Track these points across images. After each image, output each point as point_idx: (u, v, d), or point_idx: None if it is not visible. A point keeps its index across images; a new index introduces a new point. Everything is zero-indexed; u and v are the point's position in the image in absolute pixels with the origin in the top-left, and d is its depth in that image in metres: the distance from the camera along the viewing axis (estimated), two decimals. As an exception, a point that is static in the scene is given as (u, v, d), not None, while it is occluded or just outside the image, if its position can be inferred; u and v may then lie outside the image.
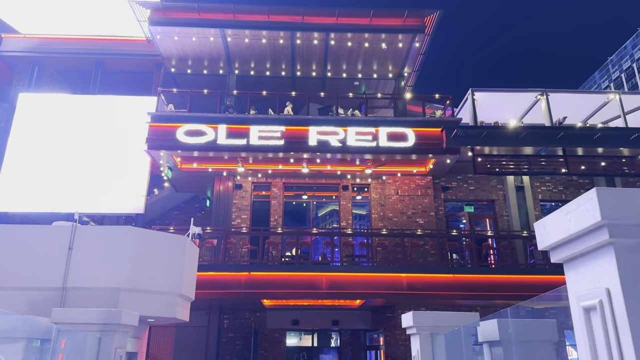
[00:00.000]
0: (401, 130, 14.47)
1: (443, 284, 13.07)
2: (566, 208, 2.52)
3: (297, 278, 12.96)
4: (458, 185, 16.52)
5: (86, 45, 17.18)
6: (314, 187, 16.91)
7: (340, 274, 13.13)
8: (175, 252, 9.91)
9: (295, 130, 14.50)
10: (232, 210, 16.03)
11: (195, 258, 10.91)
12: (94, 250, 8.98)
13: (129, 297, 8.97)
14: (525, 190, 16.11)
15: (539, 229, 2.71)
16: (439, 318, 6.87)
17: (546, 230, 2.67)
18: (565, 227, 2.50)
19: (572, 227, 2.41)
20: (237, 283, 12.80)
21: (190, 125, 14.28)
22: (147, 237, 9.50)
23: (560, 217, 2.57)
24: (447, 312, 7.09)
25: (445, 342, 6.83)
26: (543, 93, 16.46)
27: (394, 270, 13.18)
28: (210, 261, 13.55)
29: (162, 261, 9.68)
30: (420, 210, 15.82)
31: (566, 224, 2.51)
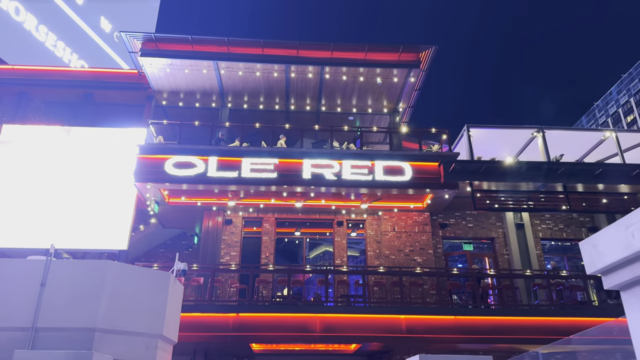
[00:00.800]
0: (398, 164, 14.07)
1: (444, 327, 12.28)
2: (626, 220, 2.05)
3: (288, 320, 12.11)
4: (456, 222, 15.99)
5: (74, 77, 16.86)
6: (307, 223, 16.27)
7: (335, 316, 12.31)
8: (158, 290, 9.12)
9: (288, 163, 14.02)
10: (221, 246, 15.27)
11: (180, 297, 10.10)
12: (69, 286, 8.20)
13: (105, 339, 8.13)
14: (526, 228, 15.62)
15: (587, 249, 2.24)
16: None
17: (598, 249, 2.18)
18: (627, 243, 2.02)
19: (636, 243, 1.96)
20: (224, 325, 11.90)
21: (180, 157, 13.76)
22: (127, 272, 8.75)
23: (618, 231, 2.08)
24: (457, 356, 6.38)
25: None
26: (539, 130, 16.31)
27: (392, 312, 12.39)
28: (196, 301, 12.67)
29: (142, 299, 8.88)
30: (418, 248, 15.19)
31: (627, 239, 2.03)
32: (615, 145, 16.20)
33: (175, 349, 13.73)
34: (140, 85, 16.71)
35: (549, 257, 15.59)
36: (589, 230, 15.89)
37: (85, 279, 8.14)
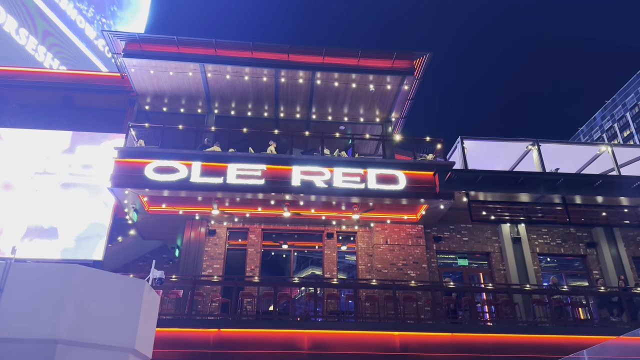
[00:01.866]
0: (391, 173, 13.46)
1: (440, 345, 11.49)
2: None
3: (274, 336, 11.21)
4: (451, 235, 15.36)
5: (52, 79, 16.08)
6: (296, 235, 15.48)
7: (325, 332, 11.44)
8: (131, 299, 8.21)
9: (277, 170, 13.32)
10: (204, 258, 14.36)
11: (155, 308, 9.19)
12: (30, 292, 7.28)
13: (68, 352, 7.20)
14: (523, 242, 15.04)
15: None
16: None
17: None
18: None
19: None
20: (205, 341, 10.95)
21: (161, 161, 12.97)
22: (95, 278, 7.86)
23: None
24: None
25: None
26: (534, 143, 15.94)
27: (386, 328, 11.59)
28: (175, 315, 11.72)
29: (113, 309, 7.97)
30: (412, 262, 14.48)
31: None
32: (611, 160, 15.88)
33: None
34: (122, 88, 15.98)
35: (546, 273, 14.99)
36: (587, 246, 15.38)
37: (48, 284, 7.24)
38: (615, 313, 12.58)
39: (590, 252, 15.32)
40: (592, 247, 15.33)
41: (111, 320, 7.68)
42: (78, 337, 7.19)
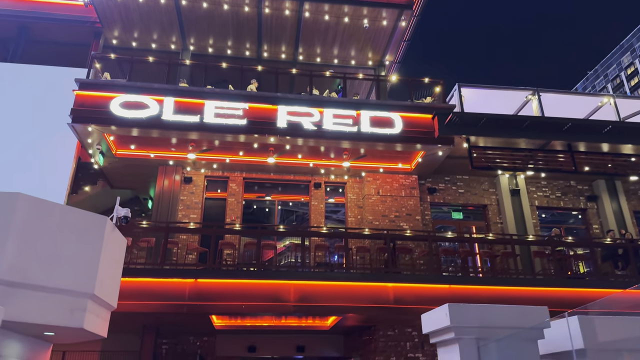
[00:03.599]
0: (387, 115, 12.27)
1: (437, 297, 10.61)
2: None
3: (257, 287, 10.15)
4: (446, 187, 14.39)
5: (7, 7, 14.16)
6: (281, 185, 14.30)
7: (313, 283, 10.42)
8: (89, 237, 6.92)
9: (260, 110, 11.99)
10: (179, 208, 13.11)
11: (121, 252, 7.95)
12: (-37, 227, 5.98)
13: (11, 295, 5.99)
14: (521, 195, 14.19)
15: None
16: (489, 315, 4.41)
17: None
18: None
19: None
20: (180, 293, 9.82)
21: (129, 95, 11.48)
22: (44, 210, 6.54)
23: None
24: (498, 306, 4.63)
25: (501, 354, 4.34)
26: (534, 92, 14.92)
27: (379, 279, 10.64)
28: (146, 264, 10.53)
29: (67, 247, 6.68)
30: (405, 214, 13.50)
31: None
32: (614, 112, 15.01)
33: (119, 325, 11.49)
34: (86, 19, 14.20)
35: (544, 228, 14.23)
36: (588, 200, 14.65)
37: (-18, 216, 5.94)
38: (620, 266, 11.91)
39: (590, 206, 14.60)
40: (593, 200, 14.59)
41: (65, 260, 6.41)
42: (21, 277, 5.94)
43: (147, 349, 10.84)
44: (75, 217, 6.83)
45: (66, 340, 7.64)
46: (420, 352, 11.81)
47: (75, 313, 6.42)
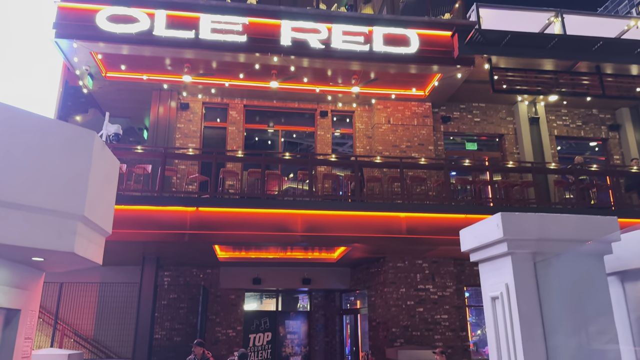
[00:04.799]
0: (402, 33, 11.16)
1: (451, 227, 10.02)
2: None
3: (262, 217, 9.55)
4: (461, 115, 13.50)
5: None
6: (284, 114, 13.40)
7: (321, 213, 9.82)
8: (76, 153, 6.06)
9: (262, 25, 10.86)
10: (176, 136, 12.29)
11: (114, 173, 7.11)
12: None
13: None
14: (540, 123, 13.33)
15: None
16: (549, 226, 3.71)
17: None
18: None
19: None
20: (181, 222, 9.22)
21: (117, 8, 10.31)
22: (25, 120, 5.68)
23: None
24: (560, 216, 3.92)
25: (562, 271, 3.66)
26: (557, 14, 13.58)
27: (391, 209, 10.03)
28: (144, 191, 9.88)
29: (50, 163, 5.83)
30: (417, 144, 12.71)
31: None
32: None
33: (119, 256, 11.04)
34: None
35: (563, 159, 13.51)
36: (610, 129, 13.82)
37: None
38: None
39: (612, 136, 13.81)
40: (615, 129, 13.77)
41: (49, 178, 5.62)
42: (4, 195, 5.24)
43: (148, 280, 10.43)
44: (60, 130, 5.97)
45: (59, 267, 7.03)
46: (431, 284, 11.47)
47: (64, 236, 5.72)
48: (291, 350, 13.91)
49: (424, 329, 11.08)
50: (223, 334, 12.37)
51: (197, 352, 7.54)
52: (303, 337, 14.16)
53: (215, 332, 12.33)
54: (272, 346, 13.63)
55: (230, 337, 12.44)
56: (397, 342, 10.85)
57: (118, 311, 11.06)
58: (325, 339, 14.25)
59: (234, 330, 12.57)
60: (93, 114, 13.88)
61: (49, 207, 5.67)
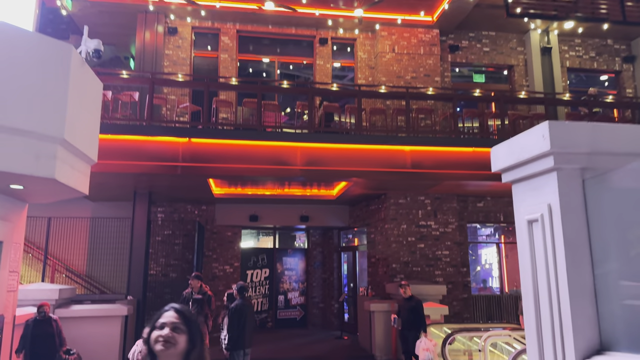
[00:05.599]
0: (411, -53, 10.11)
1: (458, 161, 9.58)
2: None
3: (259, 150, 8.98)
4: (470, 45, 12.66)
5: None
6: (280, 42, 12.48)
7: (322, 146, 9.26)
8: (52, 69, 5.37)
9: (257, -64, 9.74)
10: (164, 64, 11.43)
11: (96, 94, 6.45)
12: None
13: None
14: (553, 53, 12.55)
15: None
16: (604, 137, 3.18)
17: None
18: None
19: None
20: (172, 153, 8.64)
21: None
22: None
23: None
24: (617, 126, 3.36)
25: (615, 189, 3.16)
26: None
27: (395, 142, 9.49)
28: (132, 120, 9.22)
29: (24, 79, 5.17)
30: (423, 75, 11.97)
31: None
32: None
33: (109, 191, 10.50)
34: None
35: (573, 92, 12.86)
36: (624, 61, 13.09)
37: None
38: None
39: (626, 68, 13.10)
40: (629, 62, 13.04)
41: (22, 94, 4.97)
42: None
43: (140, 215, 9.99)
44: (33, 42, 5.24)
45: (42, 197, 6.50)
46: (433, 220, 11.18)
47: (43, 160, 5.14)
48: (289, 287, 13.87)
49: (424, 265, 10.92)
50: (220, 270, 12.19)
51: (194, 285, 7.25)
52: (301, 274, 14.09)
53: (212, 268, 12.14)
54: (269, 282, 13.55)
55: (228, 273, 12.27)
56: (397, 277, 10.70)
57: (111, 247, 10.73)
58: (323, 276, 14.20)
59: (231, 266, 12.38)
60: (74, 40, 12.84)
61: (25, 127, 5.02)
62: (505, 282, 12.04)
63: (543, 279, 3.22)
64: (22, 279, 10.07)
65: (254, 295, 13.21)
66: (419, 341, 7.38)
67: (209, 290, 7.39)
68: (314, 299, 14.00)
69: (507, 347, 7.26)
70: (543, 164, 3.24)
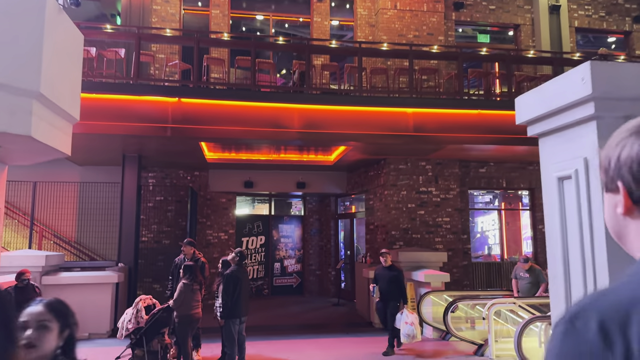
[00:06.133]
0: None
1: (463, 124, 9.16)
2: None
3: (253, 111, 8.50)
4: (475, 2, 12.02)
5: None
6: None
7: (321, 107, 8.79)
8: (24, 17, 4.84)
9: None
10: (152, 20, 10.76)
11: (76, 47, 5.92)
12: None
13: None
14: (561, 12, 11.96)
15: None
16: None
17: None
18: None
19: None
20: (162, 114, 8.15)
21: None
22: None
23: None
24: None
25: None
26: None
27: (397, 104, 9.04)
28: (118, 78, 8.67)
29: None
30: (426, 33, 11.38)
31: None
32: None
33: (97, 154, 9.98)
34: None
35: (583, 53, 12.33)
36: (634, 21, 12.53)
37: None
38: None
39: (636, 29, 12.56)
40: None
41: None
42: None
43: (129, 180, 9.57)
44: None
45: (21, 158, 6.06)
46: (434, 187, 10.85)
47: (18, 116, 4.68)
48: (285, 254, 13.64)
49: (424, 232, 10.65)
50: (215, 237, 11.88)
51: (187, 252, 6.92)
52: (297, 241, 13.83)
53: (206, 235, 11.83)
54: (265, 249, 13.30)
55: (223, 240, 11.98)
56: (396, 244, 10.44)
57: (101, 213, 10.34)
58: (320, 243, 13.96)
59: (226, 233, 12.08)
60: None
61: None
62: (505, 250, 11.85)
63: (575, 242, 2.87)
64: (8, 245, 9.71)
65: (249, 262, 12.98)
66: (400, 313, 6.92)
67: (202, 257, 7.07)
68: (311, 267, 13.81)
69: (511, 315, 7.05)
70: (580, 112, 2.83)
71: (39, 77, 4.66)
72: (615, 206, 0.82)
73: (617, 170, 0.80)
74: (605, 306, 0.67)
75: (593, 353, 0.63)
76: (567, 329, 0.68)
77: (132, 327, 5.85)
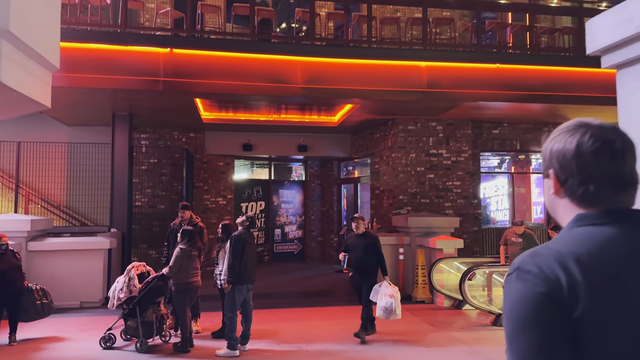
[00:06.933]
0: None
1: (480, 80, 8.45)
2: None
3: (252, 63, 7.77)
4: (491, -52, 11.07)
5: None
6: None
7: (326, 60, 8.07)
8: None
9: None
10: (142, -35, 9.82)
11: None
12: None
13: None
14: (585, -40, 11.04)
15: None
16: None
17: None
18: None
19: None
20: (153, 66, 7.42)
21: None
22: None
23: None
24: None
25: None
26: None
27: (409, 57, 8.31)
28: (104, 26, 7.88)
29: None
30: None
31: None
32: None
33: (85, 113, 9.13)
34: None
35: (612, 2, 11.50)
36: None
37: None
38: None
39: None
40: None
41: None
42: None
43: (120, 140, 8.91)
44: None
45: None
46: (444, 149, 10.24)
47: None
48: (286, 220, 13.14)
49: (433, 196, 10.11)
50: (212, 202, 11.33)
51: (184, 216, 6.35)
52: (298, 207, 13.32)
53: (204, 199, 11.27)
54: (265, 215, 12.79)
55: (221, 206, 11.43)
56: (404, 209, 9.91)
57: (93, 176, 9.71)
58: (322, 209, 13.45)
59: (224, 198, 11.52)
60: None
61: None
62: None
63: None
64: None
65: (249, 228, 12.48)
66: (379, 285, 5.93)
67: (200, 221, 6.52)
68: (312, 233, 13.34)
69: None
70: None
71: (7, 13, 3.95)
72: (549, 188, 1.05)
73: (549, 160, 1.03)
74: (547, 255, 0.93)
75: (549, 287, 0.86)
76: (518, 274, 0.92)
77: (124, 296, 5.34)
